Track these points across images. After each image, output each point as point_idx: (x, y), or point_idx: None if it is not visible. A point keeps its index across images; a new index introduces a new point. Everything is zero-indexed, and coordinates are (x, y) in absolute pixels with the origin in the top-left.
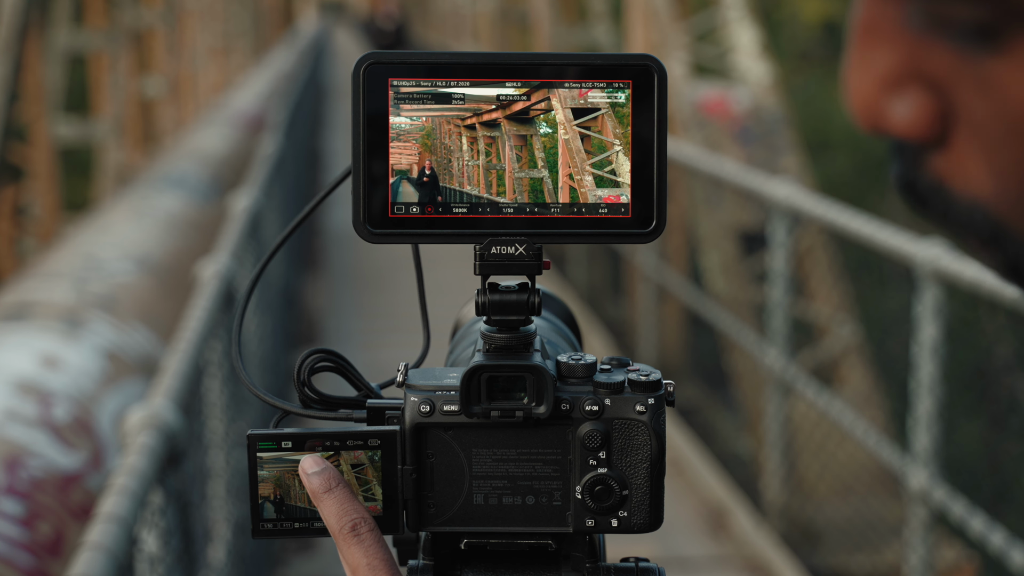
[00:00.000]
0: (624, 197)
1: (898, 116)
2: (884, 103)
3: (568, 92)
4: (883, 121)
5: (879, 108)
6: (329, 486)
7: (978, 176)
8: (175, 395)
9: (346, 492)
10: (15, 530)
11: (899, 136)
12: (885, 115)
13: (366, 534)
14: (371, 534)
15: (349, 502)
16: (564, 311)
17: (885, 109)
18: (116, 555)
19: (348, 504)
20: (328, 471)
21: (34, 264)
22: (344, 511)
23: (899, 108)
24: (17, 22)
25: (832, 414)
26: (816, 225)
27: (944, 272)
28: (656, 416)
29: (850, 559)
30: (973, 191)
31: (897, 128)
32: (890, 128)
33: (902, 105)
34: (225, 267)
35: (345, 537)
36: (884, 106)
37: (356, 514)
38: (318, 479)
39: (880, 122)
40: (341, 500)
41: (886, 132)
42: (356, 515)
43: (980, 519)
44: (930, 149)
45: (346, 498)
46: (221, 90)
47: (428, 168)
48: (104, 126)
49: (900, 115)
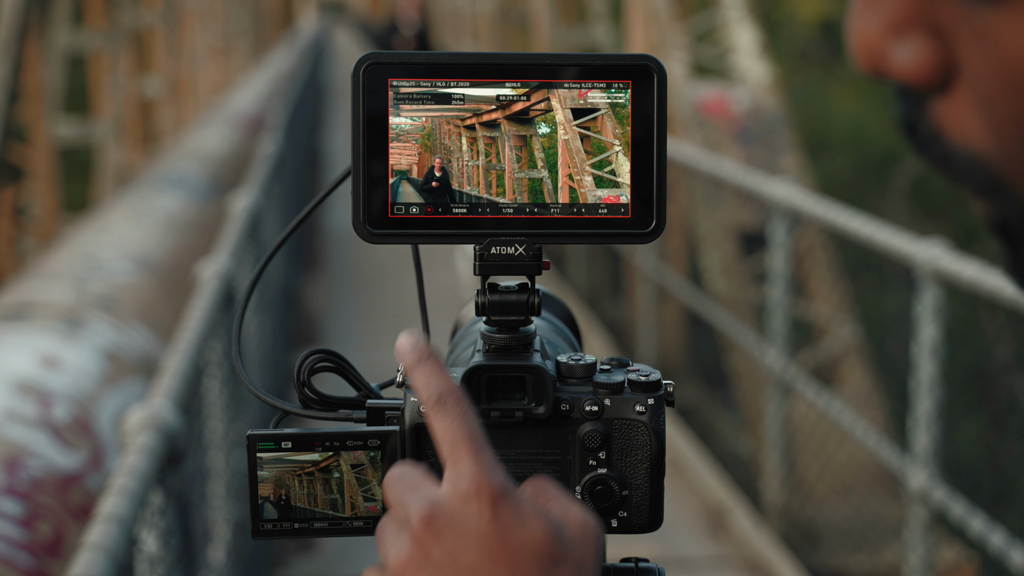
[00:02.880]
0: (624, 197)
1: (900, 60)
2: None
3: (568, 92)
4: (885, 64)
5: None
6: (420, 359)
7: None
8: (175, 395)
9: (433, 366)
10: (15, 530)
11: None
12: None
13: (452, 406)
14: (456, 406)
15: (435, 375)
16: (564, 311)
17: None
18: (116, 555)
19: (434, 377)
20: (420, 346)
21: (34, 264)
22: (429, 384)
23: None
24: (17, 22)
25: (832, 414)
26: (816, 225)
27: (944, 272)
28: (656, 416)
29: (850, 559)
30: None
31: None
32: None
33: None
34: (225, 267)
35: (432, 409)
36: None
37: (444, 386)
38: (411, 356)
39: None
40: (427, 374)
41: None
42: (444, 387)
43: (980, 519)
44: (931, 95)
45: (432, 372)
46: (221, 90)
47: (438, 169)
48: (104, 126)
49: (903, 59)
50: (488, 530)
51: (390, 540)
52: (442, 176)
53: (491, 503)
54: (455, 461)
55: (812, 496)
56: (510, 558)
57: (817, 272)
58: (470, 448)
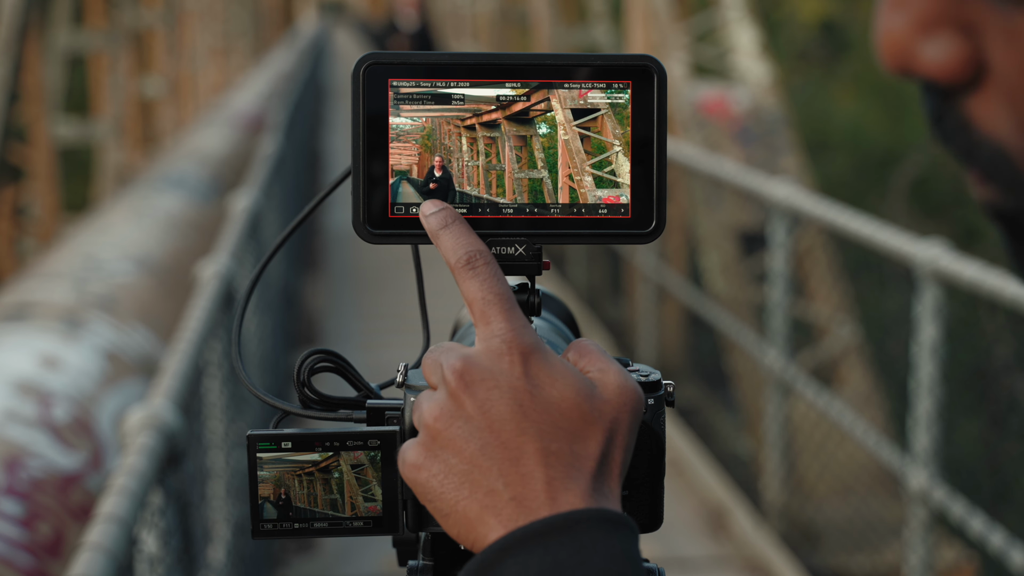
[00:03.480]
0: (624, 197)
1: (930, 59)
2: (916, 46)
3: (568, 92)
4: (914, 63)
5: (911, 51)
6: (445, 223)
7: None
8: (175, 395)
9: (462, 227)
10: (15, 530)
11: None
12: (916, 57)
13: (482, 267)
14: (487, 267)
15: (464, 236)
16: (564, 311)
17: (917, 52)
18: (116, 555)
19: (464, 238)
20: (445, 210)
21: (34, 264)
22: (459, 244)
23: (931, 51)
24: (17, 22)
25: (832, 414)
26: (816, 225)
27: (944, 272)
28: (656, 416)
29: (850, 559)
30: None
31: (928, 70)
32: (921, 70)
33: (934, 48)
34: (225, 267)
35: (461, 270)
36: (916, 49)
37: (472, 247)
38: (435, 218)
39: (911, 64)
40: (456, 235)
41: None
42: (472, 248)
43: (980, 519)
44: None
45: (461, 232)
46: (221, 90)
47: (439, 168)
48: (104, 126)
49: (932, 58)
50: (519, 384)
51: (425, 401)
52: (443, 176)
53: (522, 359)
54: (487, 321)
55: (812, 496)
56: (539, 413)
57: (817, 272)
58: (501, 307)
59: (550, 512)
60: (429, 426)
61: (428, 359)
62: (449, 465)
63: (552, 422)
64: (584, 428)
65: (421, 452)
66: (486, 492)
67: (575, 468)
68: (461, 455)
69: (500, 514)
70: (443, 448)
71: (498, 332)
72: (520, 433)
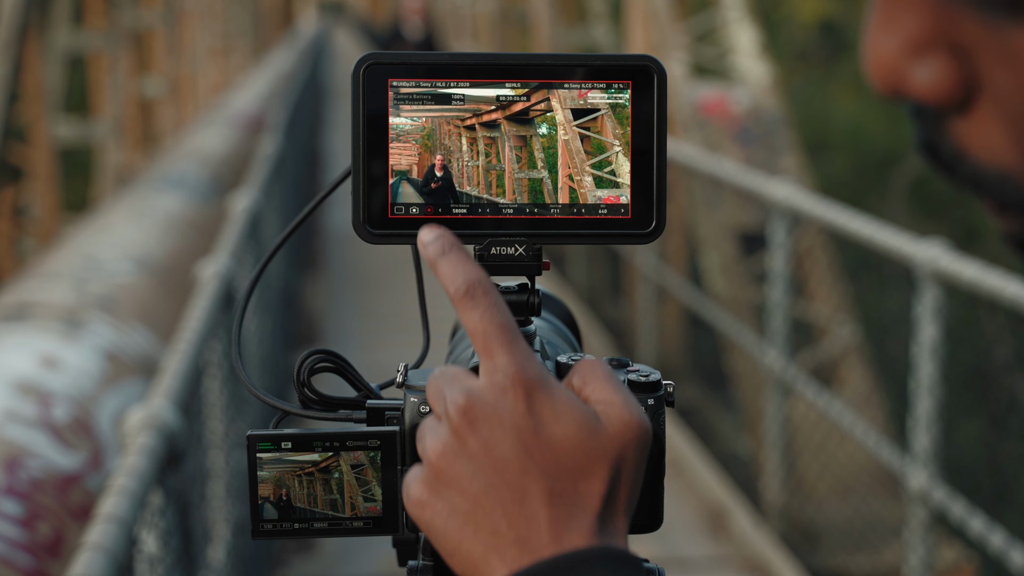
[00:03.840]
0: (624, 198)
1: (920, 81)
2: (906, 67)
3: (568, 93)
4: (904, 85)
5: (901, 72)
6: (443, 250)
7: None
8: (175, 395)
9: (460, 255)
10: (15, 531)
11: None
12: (907, 79)
13: (482, 297)
14: (487, 296)
15: (463, 264)
16: (564, 312)
17: (907, 73)
18: (116, 555)
19: (462, 266)
20: (442, 238)
21: (34, 264)
22: (457, 273)
23: (922, 73)
24: (17, 22)
25: (832, 414)
26: (816, 225)
27: (944, 272)
28: (656, 417)
29: (850, 559)
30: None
31: (918, 92)
32: (911, 92)
33: (925, 70)
34: (225, 267)
35: (461, 301)
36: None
37: (471, 276)
38: (433, 247)
39: (900, 86)
40: (455, 263)
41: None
42: (471, 277)
43: (980, 519)
44: (951, 115)
45: (460, 261)
46: (221, 90)
47: (439, 168)
48: (104, 126)
49: (922, 80)
50: (523, 422)
51: (429, 434)
52: (443, 176)
53: (525, 394)
54: (489, 354)
55: (812, 496)
56: (543, 452)
57: (817, 272)
58: (503, 340)
59: (554, 552)
60: (432, 463)
61: (432, 386)
62: (453, 504)
63: (556, 461)
64: (589, 465)
65: (425, 489)
66: (490, 533)
67: (579, 507)
68: (465, 495)
69: (504, 556)
70: (447, 487)
71: (501, 366)
72: (524, 473)
